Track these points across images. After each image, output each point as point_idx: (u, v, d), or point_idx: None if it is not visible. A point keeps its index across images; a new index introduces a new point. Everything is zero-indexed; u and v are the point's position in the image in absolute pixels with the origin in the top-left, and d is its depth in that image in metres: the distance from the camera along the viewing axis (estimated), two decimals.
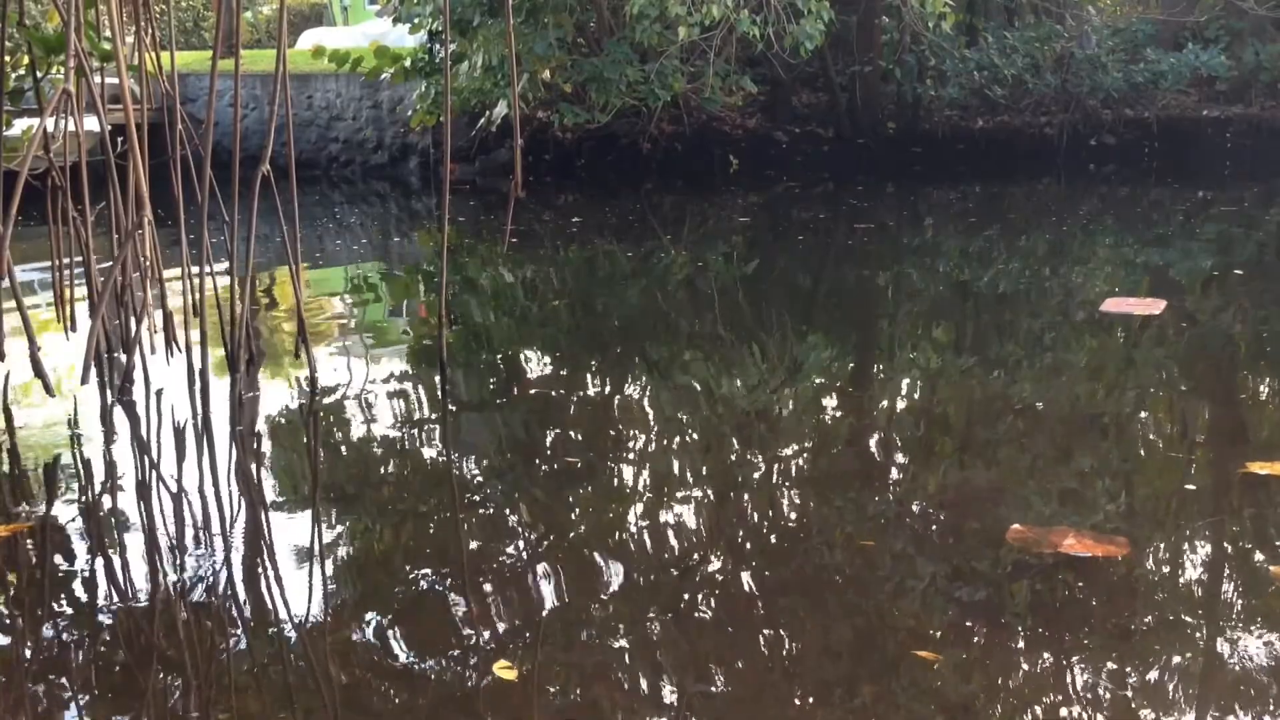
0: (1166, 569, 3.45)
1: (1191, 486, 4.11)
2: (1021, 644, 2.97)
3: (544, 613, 3.22)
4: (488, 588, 3.38)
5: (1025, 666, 2.88)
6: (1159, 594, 3.27)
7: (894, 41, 14.69)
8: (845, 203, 12.53)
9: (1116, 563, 3.38)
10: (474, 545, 3.73)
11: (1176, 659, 2.89)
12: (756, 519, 3.93)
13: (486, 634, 3.11)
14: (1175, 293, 7.37)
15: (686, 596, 3.31)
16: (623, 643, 3.05)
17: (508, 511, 3.99)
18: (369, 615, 3.21)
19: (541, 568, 3.52)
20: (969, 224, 11.10)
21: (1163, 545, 3.61)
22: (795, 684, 2.84)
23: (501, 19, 11.38)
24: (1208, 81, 15.15)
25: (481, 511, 4.01)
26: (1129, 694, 2.73)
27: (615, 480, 4.31)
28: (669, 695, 2.79)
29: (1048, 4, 14.81)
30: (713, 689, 2.83)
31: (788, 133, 14.93)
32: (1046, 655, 2.91)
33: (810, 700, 2.76)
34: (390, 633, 3.11)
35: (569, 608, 3.24)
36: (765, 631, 3.11)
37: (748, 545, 3.73)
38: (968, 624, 3.08)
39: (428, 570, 3.53)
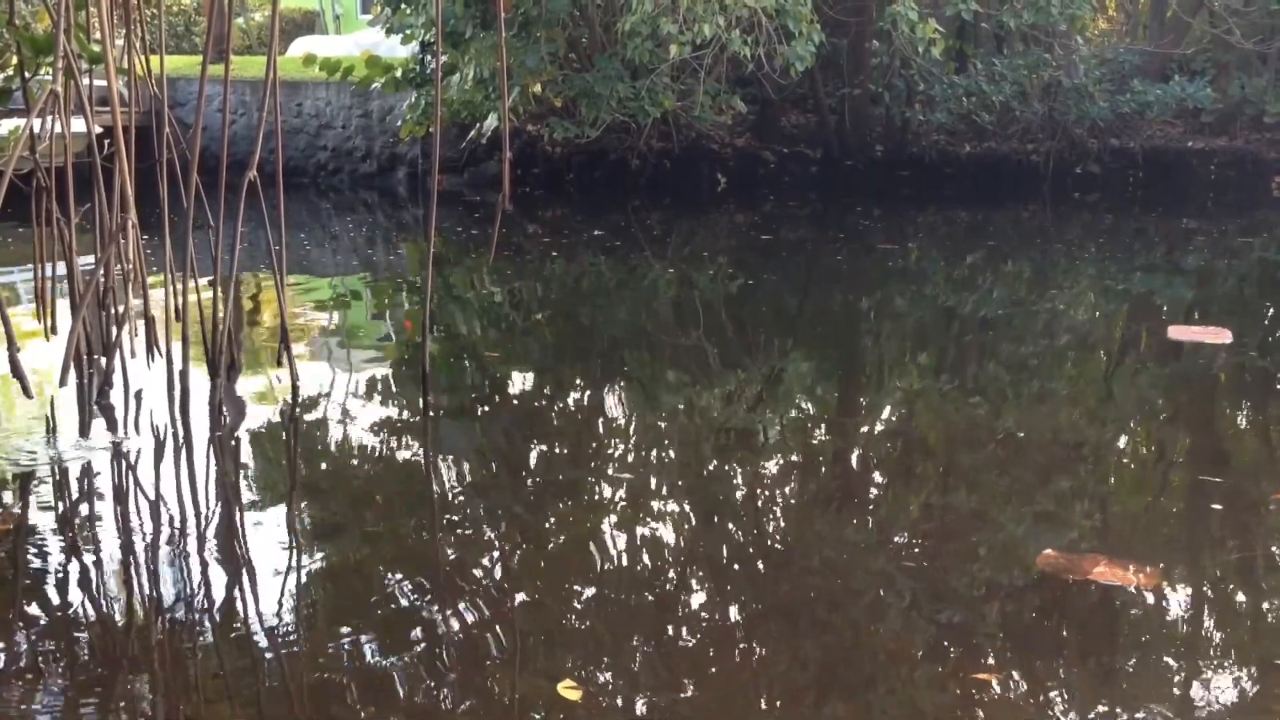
0: (1195, 598, 3.46)
1: (1223, 513, 4.11)
2: (1059, 668, 3.00)
3: (522, 627, 3.21)
4: (464, 601, 3.37)
5: (1063, 689, 2.89)
6: (1188, 623, 3.29)
7: (883, 65, 14.76)
8: (832, 224, 12.57)
9: (1147, 591, 3.40)
10: (452, 557, 3.72)
11: (1201, 688, 2.91)
12: (767, 537, 3.93)
13: (458, 646, 3.10)
14: (1235, 322, 7.23)
15: (670, 617, 3.31)
16: (601, 658, 3.04)
17: (487, 524, 3.98)
18: (341, 624, 3.20)
19: (518, 581, 3.51)
20: (964, 248, 11.15)
21: (1193, 575, 3.62)
22: (816, 701, 2.83)
23: (494, 31, 11.39)
24: (1193, 113, 15.26)
25: (460, 523, 4.00)
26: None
27: (596, 495, 4.31)
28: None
29: (1036, 33, 14.89)
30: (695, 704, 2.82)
31: (776, 153, 14.98)
32: (1082, 680, 2.93)
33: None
34: (359, 643, 3.09)
35: (546, 622, 3.23)
36: (768, 653, 3.11)
37: (737, 566, 3.73)
38: (1011, 645, 3.11)
39: (403, 581, 3.52)
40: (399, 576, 3.56)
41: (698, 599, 3.43)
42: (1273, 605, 3.44)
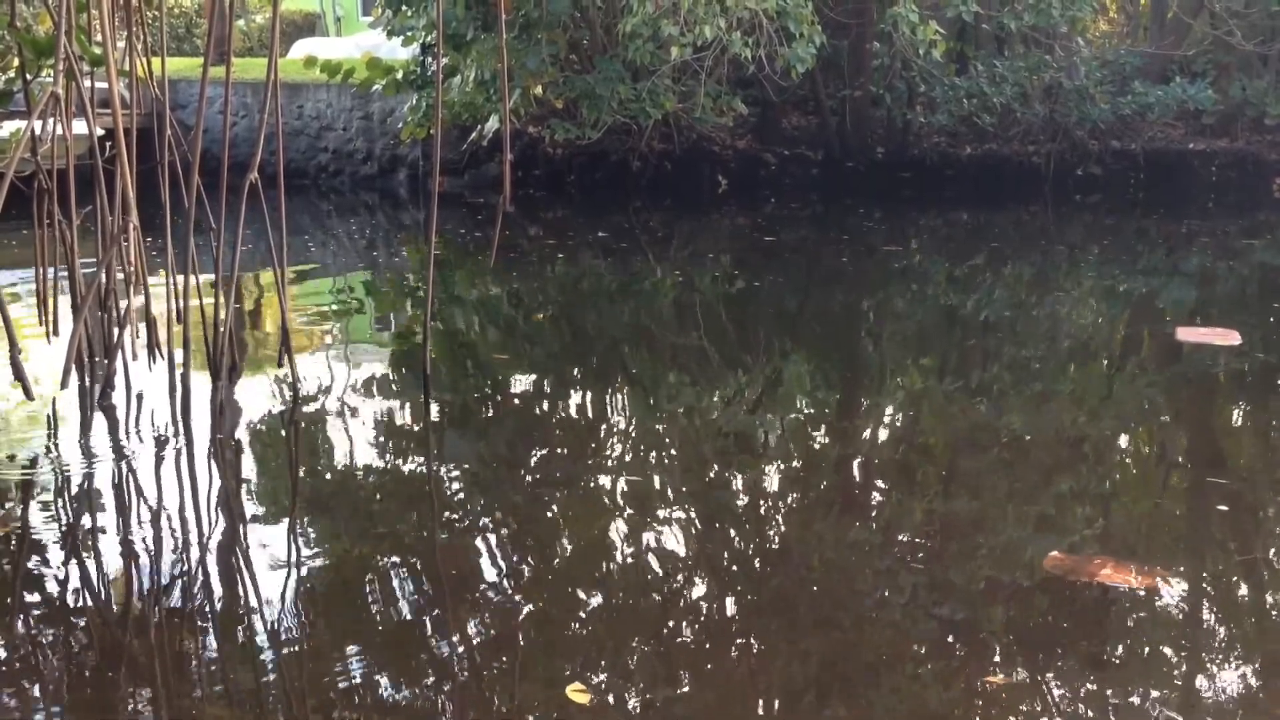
0: (1202, 601, 3.46)
1: (1230, 515, 4.10)
2: (1066, 670, 2.99)
3: (522, 632, 3.21)
4: (463, 606, 3.37)
5: (1070, 691, 2.89)
6: (1196, 625, 3.29)
7: (885, 67, 14.75)
8: (833, 225, 12.57)
9: (1154, 594, 3.40)
10: (452, 559, 3.71)
11: (1211, 690, 2.91)
12: (774, 540, 3.93)
13: (461, 650, 3.09)
14: (1240, 323, 7.20)
15: (679, 619, 3.30)
16: (612, 661, 3.04)
17: (487, 528, 3.97)
18: (344, 626, 3.19)
19: (523, 583, 3.51)
20: (966, 249, 11.14)
21: (1199, 577, 3.61)
22: (827, 704, 2.83)
23: (495, 34, 11.39)
24: (1194, 115, 15.25)
25: (460, 527, 4.00)
26: None
27: (597, 498, 4.30)
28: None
29: (1037, 34, 14.88)
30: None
31: (777, 154, 14.98)
32: (1089, 682, 2.93)
33: None
34: (363, 645, 3.09)
35: (554, 625, 3.23)
36: (777, 656, 3.10)
37: (744, 568, 3.72)
38: (1017, 647, 3.11)
39: (403, 585, 3.52)
40: (402, 579, 3.55)
41: (704, 601, 3.42)
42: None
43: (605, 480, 4.48)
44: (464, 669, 2.99)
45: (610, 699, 2.83)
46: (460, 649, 3.09)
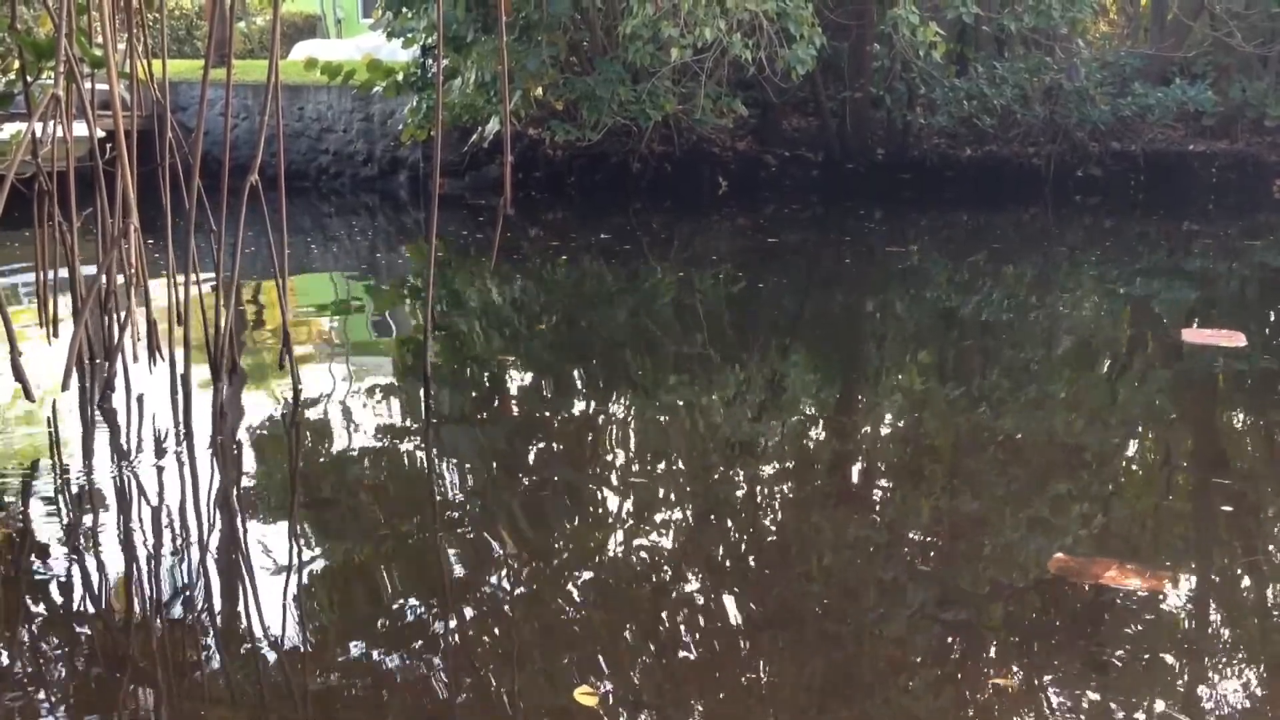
0: (1208, 603, 3.45)
1: (1235, 516, 4.09)
2: (1073, 672, 2.98)
3: (527, 634, 3.20)
4: (466, 609, 3.36)
5: (1075, 694, 2.88)
6: (1200, 627, 3.28)
7: (885, 68, 14.75)
8: (834, 227, 12.57)
9: (1159, 596, 3.39)
10: (453, 563, 3.71)
11: (1217, 693, 2.91)
12: (779, 543, 3.92)
13: (465, 652, 3.09)
14: (1243, 324, 7.16)
15: (684, 622, 3.30)
16: (618, 664, 3.03)
17: (488, 531, 3.97)
18: (347, 630, 3.19)
19: (520, 589, 3.50)
20: (967, 251, 11.13)
21: (1206, 579, 3.61)
22: (837, 707, 2.82)
23: (495, 35, 11.40)
24: (1194, 116, 15.24)
25: (462, 530, 3.99)
26: None
27: (598, 502, 4.30)
28: None
29: (1037, 36, 14.87)
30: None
31: (777, 156, 14.97)
32: (1095, 685, 2.92)
33: None
34: (366, 649, 3.08)
35: (552, 630, 3.22)
36: (785, 658, 3.10)
37: (749, 571, 3.71)
38: (1023, 649, 3.11)
39: (404, 589, 3.51)
40: (404, 582, 3.55)
41: (709, 603, 3.41)
42: None
43: (608, 482, 4.47)
44: (468, 671, 2.98)
45: (617, 702, 2.82)
46: (464, 651, 3.09)
